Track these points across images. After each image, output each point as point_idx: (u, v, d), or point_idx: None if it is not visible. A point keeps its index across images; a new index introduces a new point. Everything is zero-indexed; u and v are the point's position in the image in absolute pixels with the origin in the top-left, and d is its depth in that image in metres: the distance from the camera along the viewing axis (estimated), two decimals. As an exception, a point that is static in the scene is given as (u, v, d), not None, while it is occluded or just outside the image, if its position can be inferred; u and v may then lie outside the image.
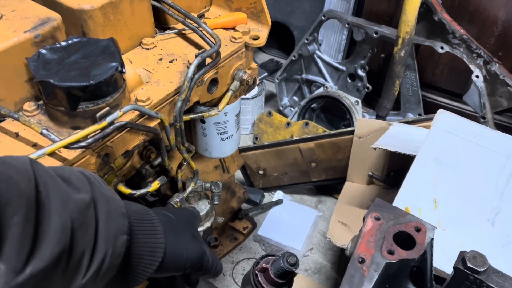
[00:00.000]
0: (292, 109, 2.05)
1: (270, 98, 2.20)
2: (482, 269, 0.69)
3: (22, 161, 0.45)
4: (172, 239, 0.65)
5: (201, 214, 1.13)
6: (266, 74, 2.01)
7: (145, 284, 0.73)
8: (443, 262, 0.93)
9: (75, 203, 0.47)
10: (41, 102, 0.78)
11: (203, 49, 0.90)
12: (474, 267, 0.69)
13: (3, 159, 0.44)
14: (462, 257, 0.70)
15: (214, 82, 0.95)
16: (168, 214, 0.69)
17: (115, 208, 0.54)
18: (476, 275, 0.69)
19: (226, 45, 0.96)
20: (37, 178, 0.44)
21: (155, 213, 0.65)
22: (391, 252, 0.70)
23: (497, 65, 1.47)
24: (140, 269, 0.59)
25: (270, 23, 1.02)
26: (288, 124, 1.86)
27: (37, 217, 0.42)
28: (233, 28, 1.01)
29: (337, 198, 1.55)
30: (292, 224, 1.67)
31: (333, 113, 2.00)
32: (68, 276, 0.46)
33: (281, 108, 2.06)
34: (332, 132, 1.57)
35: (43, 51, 0.73)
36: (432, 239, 0.73)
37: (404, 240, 0.72)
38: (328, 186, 1.76)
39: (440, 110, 1.13)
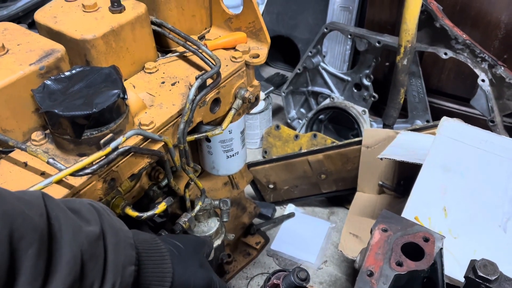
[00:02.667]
0: (300, 121, 2.05)
1: (277, 111, 2.22)
2: (493, 278, 0.68)
3: (35, 196, 0.47)
4: (180, 268, 0.66)
5: (211, 232, 1.14)
6: (272, 88, 2.03)
7: None
8: (457, 270, 0.91)
9: (85, 235, 0.49)
10: (48, 131, 0.80)
11: (203, 71, 0.92)
12: (485, 276, 0.68)
13: (17, 194, 0.46)
14: (472, 266, 0.70)
15: (216, 102, 0.97)
16: (176, 243, 0.70)
17: (124, 239, 0.56)
18: (487, 284, 0.68)
19: (227, 65, 0.98)
20: (49, 212, 0.46)
21: (163, 241, 0.67)
22: (399, 264, 0.70)
23: (502, 68, 1.46)
24: None
25: (269, 41, 1.03)
26: (297, 136, 1.87)
27: (50, 249, 0.44)
28: (234, 48, 1.03)
29: (349, 209, 1.54)
30: (305, 237, 1.66)
31: (341, 123, 2.00)
32: None
33: (288, 121, 2.07)
34: (340, 143, 1.57)
35: (48, 82, 0.76)
36: (441, 248, 0.73)
37: (413, 251, 0.72)
38: (340, 197, 1.75)
39: (444, 118, 1.12)
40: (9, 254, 0.40)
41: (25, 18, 1.65)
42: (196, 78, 0.87)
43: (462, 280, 0.72)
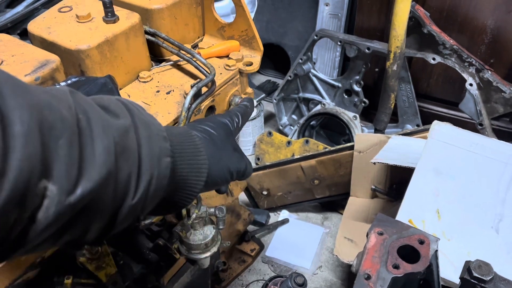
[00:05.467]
0: (291, 127, 2.07)
1: (269, 118, 2.23)
2: (488, 278, 0.69)
3: (62, 91, 0.46)
4: (215, 155, 0.66)
5: (207, 240, 1.14)
6: (263, 95, 2.04)
7: None
8: (451, 272, 0.93)
9: (116, 128, 0.48)
10: (44, 141, 0.80)
11: (198, 79, 0.93)
12: (480, 276, 0.69)
13: (44, 89, 0.44)
14: (467, 267, 0.71)
15: (211, 109, 0.97)
16: (208, 130, 0.70)
17: (156, 132, 0.55)
18: (482, 284, 0.70)
19: (221, 73, 0.99)
20: (76, 107, 0.44)
21: (196, 130, 0.67)
22: (396, 267, 0.71)
23: (489, 72, 1.49)
24: (188, 190, 0.60)
25: (262, 49, 1.05)
26: (289, 143, 1.88)
27: (81, 141, 0.43)
28: (227, 56, 1.04)
29: (342, 214, 1.55)
30: (299, 242, 1.67)
31: (332, 129, 2.02)
32: (118, 197, 0.47)
33: (280, 127, 2.08)
34: (332, 148, 1.59)
35: (44, 92, 0.76)
36: (436, 250, 0.74)
37: (409, 253, 0.73)
38: (333, 202, 1.76)
39: (435, 122, 1.14)
40: (40, 143, 0.38)
41: (14, 29, 1.64)
42: (192, 87, 0.87)
43: (457, 281, 0.74)
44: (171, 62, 1.02)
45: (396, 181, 1.49)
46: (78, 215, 0.43)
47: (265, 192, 1.72)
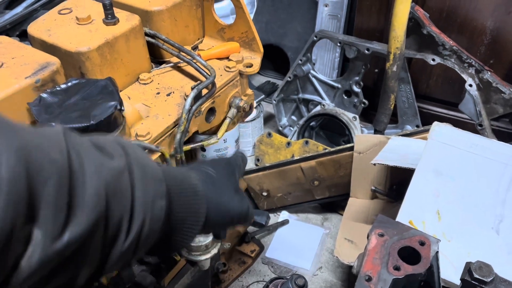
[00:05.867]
0: (291, 128, 2.07)
1: (268, 119, 2.23)
2: (489, 279, 0.69)
3: (55, 131, 0.45)
4: (215, 198, 0.64)
5: (207, 242, 1.14)
6: (263, 96, 2.04)
7: None
8: (452, 273, 0.93)
9: (109, 170, 0.46)
10: (44, 144, 0.80)
11: (199, 81, 0.93)
12: (480, 278, 0.69)
13: (36, 130, 0.43)
14: (468, 268, 0.71)
15: (211, 111, 0.98)
16: (208, 171, 0.67)
17: (151, 173, 0.53)
18: (483, 286, 0.70)
19: (221, 75, 0.99)
20: (69, 149, 0.43)
21: (195, 172, 0.64)
22: (397, 268, 0.71)
23: (489, 73, 1.49)
24: (184, 232, 0.59)
25: (262, 50, 1.05)
26: (289, 144, 1.88)
27: (71, 184, 0.42)
28: (227, 58, 1.04)
29: (342, 215, 1.55)
30: (299, 243, 1.67)
31: (332, 130, 2.02)
32: (108, 241, 0.46)
33: (280, 128, 2.08)
34: (332, 149, 1.59)
35: (44, 95, 0.76)
36: (437, 252, 0.74)
37: (409, 255, 0.73)
38: (333, 203, 1.76)
39: (435, 123, 1.14)
40: (27, 187, 0.37)
41: (13, 30, 1.64)
42: (192, 89, 0.87)
43: (457, 282, 0.74)
44: (171, 64, 1.02)
45: (396, 182, 1.49)
46: (65, 262, 0.41)
47: (265, 193, 1.71)
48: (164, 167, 0.59)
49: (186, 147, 0.96)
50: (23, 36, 1.43)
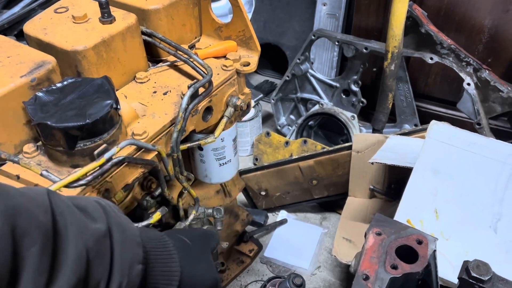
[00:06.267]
0: (289, 128, 2.06)
1: (267, 118, 2.23)
2: (487, 278, 0.69)
3: (40, 192, 0.46)
4: (188, 266, 0.64)
5: (205, 241, 1.13)
6: (261, 95, 2.04)
7: None
8: (449, 272, 0.93)
9: (91, 233, 0.48)
10: (40, 143, 0.80)
11: (195, 80, 0.92)
12: (478, 276, 0.69)
13: (21, 190, 0.44)
14: (466, 267, 0.71)
15: (208, 110, 0.97)
16: (184, 239, 0.68)
17: (130, 237, 0.55)
18: (481, 284, 0.70)
19: (218, 74, 0.98)
20: (54, 209, 0.45)
21: (170, 238, 0.65)
22: (394, 267, 0.71)
23: (487, 71, 1.49)
24: None
25: (259, 49, 1.04)
26: (287, 143, 1.88)
27: (54, 247, 0.43)
28: (224, 56, 1.03)
29: (340, 214, 1.55)
30: (297, 243, 1.67)
31: (330, 129, 2.02)
32: None
33: (278, 127, 2.08)
34: (330, 148, 1.58)
35: (40, 94, 0.75)
36: (435, 250, 0.74)
37: (407, 253, 0.73)
38: (331, 202, 1.76)
39: (433, 122, 1.14)
40: (12, 251, 0.38)
41: (11, 30, 1.64)
42: (189, 87, 0.87)
43: (455, 281, 0.73)
44: (168, 63, 1.02)
45: (394, 181, 1.49)
46: None
47: (263, 193, 1.71)
48: (141, 228, 0.60)
49: (183, 146, 0.95)
50: (21, 36, 1.43)
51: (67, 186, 0.70)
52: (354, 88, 1.80)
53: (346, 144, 1.55)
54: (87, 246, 0.46)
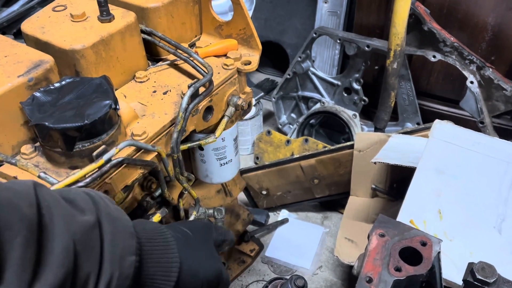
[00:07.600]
0: (291, 126, 2.05)
1: (268, 117, 2.21)
2: (492, 280, 0.68)
3: (26, 185, 0.45)
4: (189, 257, 0.63)
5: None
6: (262, 93, 2.03)
7: None
8: (454, 273, 0.92)
9: (79, 225, 0.47)
10: (38, 144, 0.79)
11: (195, 79, 0.91)
12: (483, 279, 0.68)
13: (7, 184, 0.44)
14: (470, 269, 0.70)
15: (209, 110, 0.96)
16: (184, 230, 0.67)
17: (122, 228, 0.53)
18: (486, 287, 0.68)
19: (219, 73, 0.97)
20: (40, 202, 0.44)
21: (170, 229, 0.63)
22: (398, 269, 0.70)
23: (490, 70, 1.47)
24: None
25: (260, 47, 1.03)
26: (288, 141, 1.86)
27: (40, 240, 0.42)
28: (225, 55, 1.02)
29: (342, 213, 1.54)
30: (299, 242, 1.66)
31: (332, 127, 2.01)
32: None
33: (279, 126, 2.07)
34: (332, 147, 1.57)
35: (37, 94, 0.74)
36: (439, 252, 0.72)
37: (411, 255, 0.72)
38: (333, 202, 1.75)
39: (437, 121, 1.13)
40: None
41: (9, 28, 1.63)
42: (189, 87, 0.86)
43: (460, 282, 0.72)
44: (168, 62, 1.00)
45: (396, 180, 1.48)
46: None
47: (264, 192, 1.70)
48: (137, 221, 0.58)
49: (183, 146, 0.94)
50: (20, 34, 1.42)
51: (65, 188, 0.69)
52: (356, 86, 1.79)
53: (348, 143, 1.53)
54: (74, 238, 0.45)
